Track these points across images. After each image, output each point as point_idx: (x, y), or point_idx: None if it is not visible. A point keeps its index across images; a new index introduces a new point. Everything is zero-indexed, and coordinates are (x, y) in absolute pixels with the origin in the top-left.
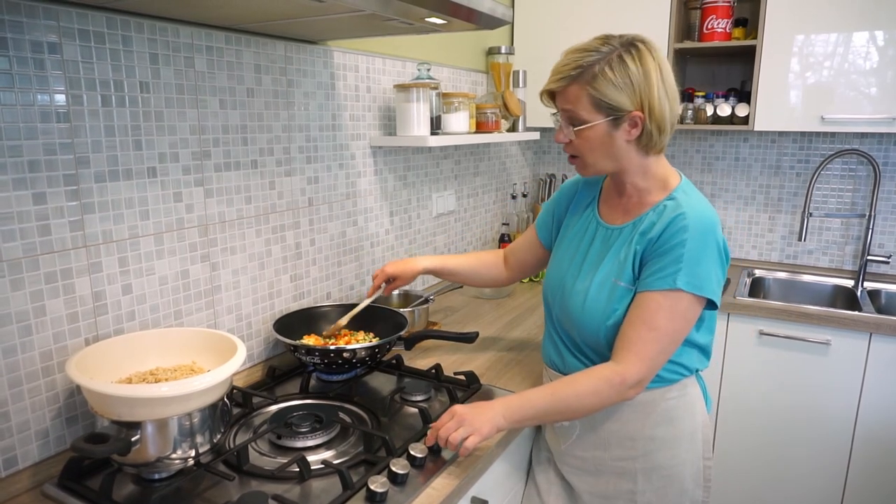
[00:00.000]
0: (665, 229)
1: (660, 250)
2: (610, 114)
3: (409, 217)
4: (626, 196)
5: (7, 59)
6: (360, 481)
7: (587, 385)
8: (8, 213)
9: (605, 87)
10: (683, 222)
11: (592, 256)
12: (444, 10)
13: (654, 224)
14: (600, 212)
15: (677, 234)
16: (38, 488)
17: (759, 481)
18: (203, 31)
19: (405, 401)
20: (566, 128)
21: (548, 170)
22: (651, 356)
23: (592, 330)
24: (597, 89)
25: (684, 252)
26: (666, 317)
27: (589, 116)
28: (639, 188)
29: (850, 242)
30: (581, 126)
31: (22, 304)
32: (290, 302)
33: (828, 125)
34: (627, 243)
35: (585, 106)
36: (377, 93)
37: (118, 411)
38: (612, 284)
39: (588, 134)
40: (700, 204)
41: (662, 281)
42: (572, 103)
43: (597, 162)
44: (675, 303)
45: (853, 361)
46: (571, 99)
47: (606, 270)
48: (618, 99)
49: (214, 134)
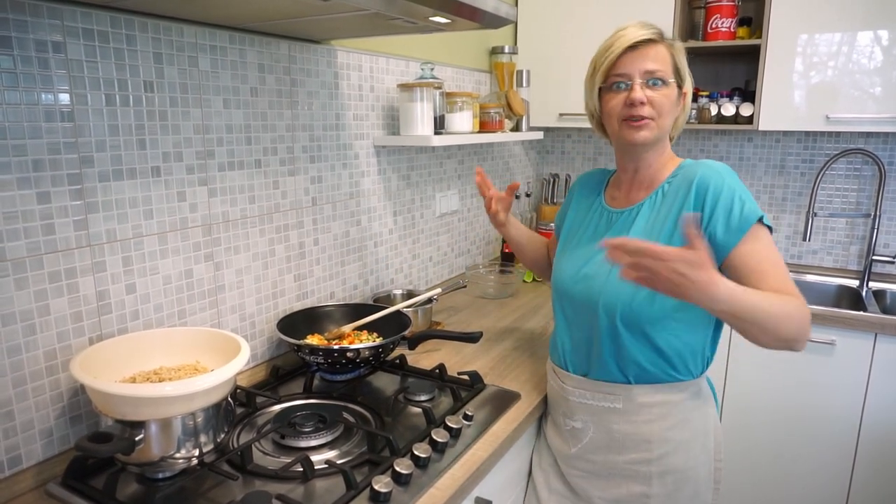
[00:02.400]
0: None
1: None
2: (678, 80)
3: (413, 217)
4: (637, 182)
5: (11, 59)
6: (364, 481)
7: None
8: (12, 213)
9: (680, 55)
10: (712, 171)
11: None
12: (448, 9)
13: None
14: (606, 202)
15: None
16: (41, 487)
17: (764, 481)
18: (207, 31)
19: (409, 401)
20: (645, 88)
21: (551, 169)
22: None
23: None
24: (678, 54)
25: (735, 192)
26: (773, 249)
27: (670, 76)
28: (651, 171)
29: (854, 242)
30: (664, 85)
31: (26, 304)
32: (294, 301)
33: (832, 125)
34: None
35: (669, 65)
36: (381, 92)
37: (122, 410)
38: None
39: (669, 93)
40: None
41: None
42: (658, 61)
43: (666, 125)
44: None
45: (858, 362)
46: (657, 56)
47: None
48: (685, 70)
49: (218, 133)
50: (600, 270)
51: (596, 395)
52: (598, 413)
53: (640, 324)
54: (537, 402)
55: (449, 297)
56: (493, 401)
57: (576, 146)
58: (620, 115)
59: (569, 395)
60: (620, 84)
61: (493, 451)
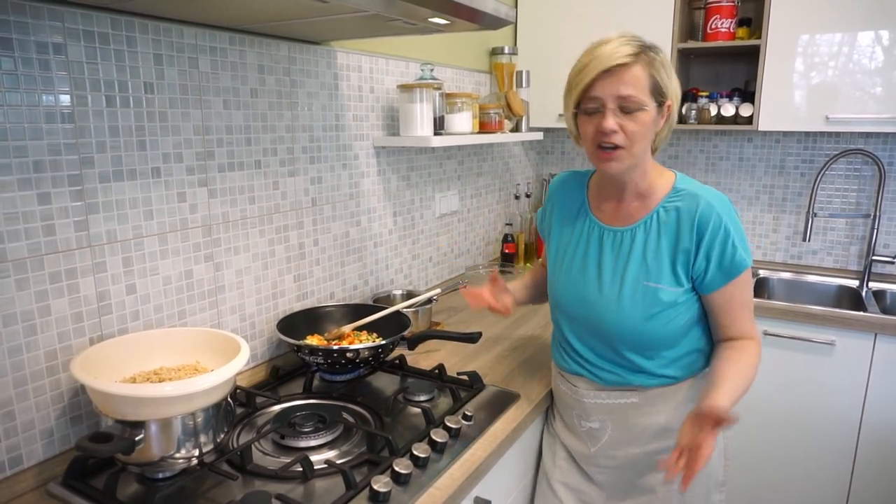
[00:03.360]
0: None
1: (712, 244)
2: (657, 99)
3: (413, 217)
4: (627, 200)
5: (12, 60)
6: (364, 481)
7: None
8: (13, 214)
9: (661, 71)
10: (712, 209)
11: (608, 262)
12: (447, 10)
13: (676, 219)
14: (597, 216)
15: (714, 221)
16: (42, 487)
17: (764, 482)
18: (207, 32)
19: (408, 401)
20: (618, 114)
21: (551, 170)
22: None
23: (630, 332)
24: (656, 71)
25: (731, 235)
26: (746, 291)
27: (647, 100)
28: (640, 189)
29: (854, 242)
30: (639, 110)
31: (27, 304)
32: (294, 302)
33: (832, 125)
34: (650, 244)
35: (645, 88)
36: (380, 93)
37: (122, 411)
38: (644, 287)
39: (644, 119)
40: (705, 187)
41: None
42: (633, 85)
43: (640, 152)
44: (745, 278)
45: (858, 362)
46: (632, 80)
47: (634, 272)
48: (668, 84)
49: (218, 134)
50: (601, 298)
51: (612, 394)
52: (615, 410)
53: (647, 349)
54: (537, 402)
55: (449, 297)
56: (493, 401)
57: (575, 147)
58: (593, 140)
59: (583, 397)
60: (593, 109)
61: (493, 451)
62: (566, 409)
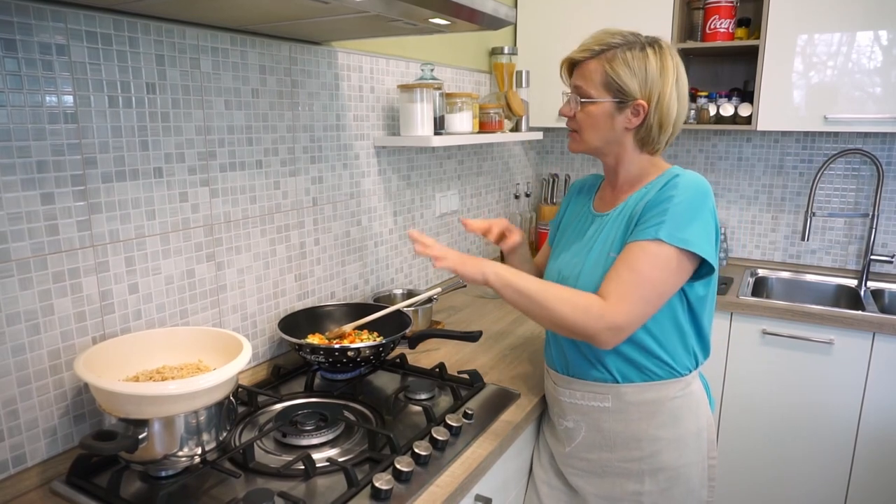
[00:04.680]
0: (659, 191)
1: (648, 207)
2: (617, 96)
3: (413, 217)
4: (618, 188)
5: (16, 61)
6: (365, 479)
7: (572, 298)
8: (17, 213)
9: (619, 69)
10: (675, 181)
11: (586, 241)
12: (447, 10)
13: (646, 194)
14: (594, 206)
15: (666, 191)
16: (46, 485)
17: (763, 481)
18: (209, 33)
19: (409, 399)
20: (574, 102)
21: (551, 170)
22: (633, 300)
23: None
24: (613, 69)
25: (670, 206)
26: (648, 263)
27: (597, 93)
28: (630, 177)
29: (853, 242)
30: (588, 100)
31: (30, 304)
32: (295, 301)
33: (831, 125)
34: (620, 218)
35: (597, 83)
36: (381, 93)
37: (126, 409)
38: (606, 258)
39: (592, 110)
40: (694, 174)
41: (644, 232)
42: (585, 78)
43: (591, 140)
44: (657, 251)
45: (856, 361)
46: (586, 74)
47: (599, 247)
48: (628, 83)
49: (220, 134)
50: (573, 271)
51: (585, 395)
52: (589, 413)
53: None
54: (536, 400)
55: (449, 296)
56: (493, 399)
57: None
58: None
59: (560, 395)
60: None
61: (493, 449)
62: (550, 406)
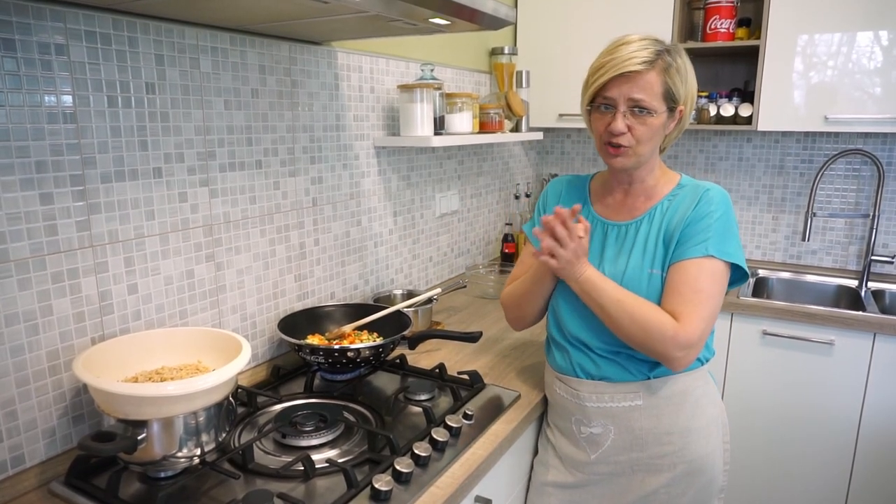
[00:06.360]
0: (696, 205)
1: (691, 224)
2: (669, 104)
3: (413, 217)
4: (633, 195)
5: (15, 61)
6: (365, 480)
7: (649, 316)
8: (15, 214)
9: (675, 77)
10: (708, 196)
11: (610, 256)
12: (447, 10)
13: (678, 207)
14: (599, 212)
15: (704, 206)
16: (45, 486)
17: (763, 481)
18: (208, 33)
19: (409, 400)
20: (629, 116)
21: (551, 170)
22: (702, 317)
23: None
24: (670, 78)
25: (713, 223)
26: (707, 280)
27: (658, 105)
28: (646, 185)
29: (853, 242)
30: (649, 114)
31: (29, 304)
32: (295, 302)
33: (831, 125)
34: (652, 233)
35: (657, 94)
36: (381, 93)
37: (125, 410)
38: (649, 275)
39: (653, 122)
40: (716, 186)
41: (695, 249)
42: (646, 90)
43: (646, 152)
44: (713, 268)
45: (857, 361)
46: (646, 86)
47: (637, 261)
48: (680, 91)
49: (219, 134)
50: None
51: (616, 397)
52: (619, 414)
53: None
54: (537, 401)
55: (449, 297)
56: (493, 400)
57: (575, 146)
58: (602, 137)
59: (586, 401)
60: (606, 107)
61: (493, 450)
62: (564, 414)
